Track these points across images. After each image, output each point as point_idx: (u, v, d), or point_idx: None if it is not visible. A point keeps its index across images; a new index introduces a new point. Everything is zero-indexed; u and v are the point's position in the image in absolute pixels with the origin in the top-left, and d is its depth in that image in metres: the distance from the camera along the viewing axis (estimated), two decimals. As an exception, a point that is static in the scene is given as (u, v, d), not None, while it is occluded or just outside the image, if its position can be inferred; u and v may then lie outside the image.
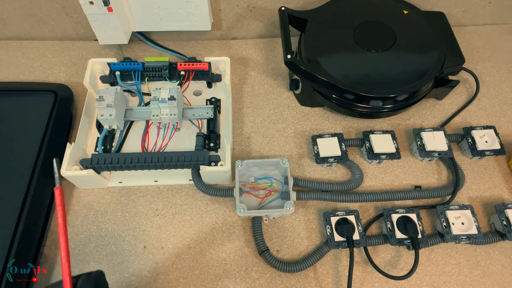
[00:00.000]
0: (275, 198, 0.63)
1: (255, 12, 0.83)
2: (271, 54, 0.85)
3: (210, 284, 0.58)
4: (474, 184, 0.68)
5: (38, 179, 0.61)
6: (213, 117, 0.68)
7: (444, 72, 0.71)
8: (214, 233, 0.63)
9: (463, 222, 0.60)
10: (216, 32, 0.87)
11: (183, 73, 0.73)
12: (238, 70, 0.82)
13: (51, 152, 0.65)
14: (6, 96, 0.72)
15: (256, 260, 0.60)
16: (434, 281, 0.59)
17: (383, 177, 0.69)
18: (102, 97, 0.64)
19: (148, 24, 0.80)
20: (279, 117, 0.75)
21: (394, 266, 0.60)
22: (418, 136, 0.68)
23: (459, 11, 0.87)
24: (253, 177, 0.65)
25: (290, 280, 0.59)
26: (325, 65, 0.68)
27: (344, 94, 0.68)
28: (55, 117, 0.68)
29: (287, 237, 0.62)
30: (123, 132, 0.70)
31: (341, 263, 0.60)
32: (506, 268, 0.60)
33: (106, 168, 0.61)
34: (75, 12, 0.81)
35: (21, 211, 0.58)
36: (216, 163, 0.62)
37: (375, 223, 0.64)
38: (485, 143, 0.68)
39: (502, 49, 0.86)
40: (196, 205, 0.65)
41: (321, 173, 0.69)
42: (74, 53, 0.84)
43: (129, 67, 0.72)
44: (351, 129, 0.74)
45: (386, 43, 0.71)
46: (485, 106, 0.78)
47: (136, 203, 0.65)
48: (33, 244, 0.58)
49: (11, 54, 0.84)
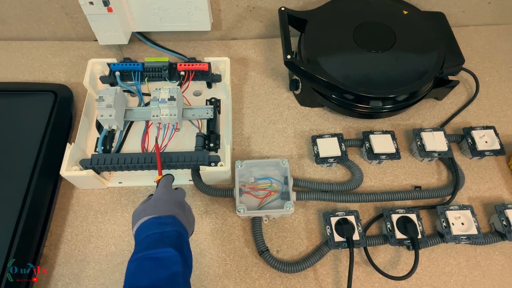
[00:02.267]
0: (275, 198, 0.63)
1: (255, 13, 0.83)
2: (271, 54, 0.85)
3: (210, 284, 0.58)
4: (474, 184, 0.68)
5: (38, 179, 0.61)
6: (213, 117, 0.68)
7: (444, 72, 0.71)
8: (214, 233, 0.63)
9: (463, 222, 0.60)
10: (216, 33, 0.87)
11: (183, 73, 0.73)
12: (238, 70, 0.82)
13: (51, 152, 0.65)
14: (6, 96, 0.72)
15: (256, 261, 0.60)
16: (434, 281, 0.59)
17: (383, 177, 0.69)
18: (102, 98, 0.64)
19: (148, 25, 0.80)
20: (279, 118, 0.75)
21: (394, 266, 0.60)
22: (418, 136, 0.68)
23: (459, 11, 0.87)
24: (253, 177, 0.65)
25: (290, 281, 0.59)
26: (325, 65, 0.68)
27: (344, 95, 0.68)
28: (55, 117, 0.68)
29: (287, 238, 0.62)
30: (123, 133, 0.70)
31: (341, 264, 0.60)
32: (506, 269, 0.60)
33: (106, 168, 0.61)
34: (75, 12, 0.81)
35: (21, 211, 0.58)
36: (216, 164, 0.62)
37: (375, 223, 0.64)
38: (485, 143, 0.68)
39: (502, 49, 0.86)
40: (196, 205, 0.65)
41: (321, 173, 0.69)
42: (74, 53, 0.84)
43: (129, 67, 0.72)
44: (351, 129, 0.74)
45: (386, 43, 0.71)
46: (485, 106, 0.78)
47: (136, 204, 0.65)
48: (33, 244, 0.58)
49: (11, 54, 0.84)
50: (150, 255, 0.42)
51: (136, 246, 0.45)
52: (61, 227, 0.63)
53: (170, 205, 0.49)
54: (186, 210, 0.52)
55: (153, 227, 0.45)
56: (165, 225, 0.45)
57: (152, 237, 0.44)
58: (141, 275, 0.41)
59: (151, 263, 0.41)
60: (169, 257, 0.42)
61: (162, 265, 0.41)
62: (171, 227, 0.45)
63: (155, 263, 0.41)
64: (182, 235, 0.46)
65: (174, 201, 0.50)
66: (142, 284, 0.40)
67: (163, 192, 0.52)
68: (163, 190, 0.52)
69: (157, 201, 0.50)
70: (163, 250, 0.42)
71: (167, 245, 0.42)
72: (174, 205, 0.49)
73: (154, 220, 0.46)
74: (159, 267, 0.41)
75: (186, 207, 0.53)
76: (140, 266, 0.41)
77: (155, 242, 0.43)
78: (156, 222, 0.45)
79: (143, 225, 0.46)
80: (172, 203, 0.49)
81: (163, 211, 0.47)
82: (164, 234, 0.44)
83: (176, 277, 0.41)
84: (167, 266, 0.41)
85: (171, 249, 0.42)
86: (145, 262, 0.41)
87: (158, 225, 0.45)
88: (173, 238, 0.44)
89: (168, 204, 0.49)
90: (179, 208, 0.49)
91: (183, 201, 0.53)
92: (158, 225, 0.45)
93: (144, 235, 0.44)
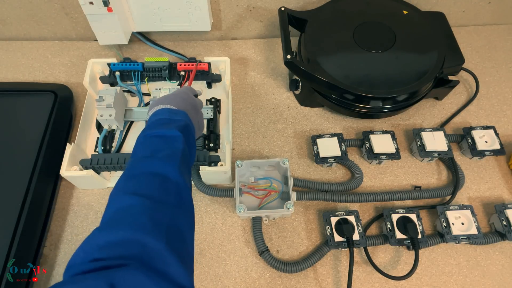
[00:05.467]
0: (275, 198, 0.63)
1: (255, 12, 0.83)
2: (271, 54, 0.85)
3: (210, 284, 0.58)
4: (474, 184, 0.68)
5: (38, 179, 0.61)
6: (213, 117, 0.68)
7: (444, 72, 0.71)
8: (214, 233, 0.63)
9: (463, 222, 0.60)
10: (216, 33, 0.87)
11: (183, 73, 0.73)
12: (238, 70, 0.82)
13: (51, 152, 0.65)
14: (6, 96, 0.72)
15: (256, 260, 0.60)
16: (434, 281, 0.59)
17: (383, 177, 0.69)
18: (102, 98, 0.64)
19: (148, 25, 0.80)
20: (279, 117, 0.75)
21: (394, 266, 0.60)
22: (418, 136, 0.68)
23: (459, 11, 0.87)
24: (253, 177, 0.65)
25: (290, 281, 0.59)
26: (325, 65, 0.68)
27: (344, 94, 0.68)
28: (55, 117, 0.68)
29: (287, 237, 0.62)
30: (123, 133, 0.70)
31: (341, 263, 0.60)
32: (506, 268, 0.60)
33: (106, 168, 0.61)
34: (75, 12, 0.81)
35: (21, 211, 0.58)
36: (216, 164, 0.62)
37: (375, 223, 0.64)
38: (485, 143, 0.68)
39: (502, 49, 0.86)
40: (196, 205, 0.65)
41: (321, 173, 0.69)
42: (74, 53, 0.84)
43: (129, 67, 0.72)
44: (351, 129, 0.74)
45: (386, 43, 0.71)
46: (485, 106, 0.78)
47: (136, 203, 0.65)
48: (33, 244, 0.58)
49: (11, 54, 0.84)
50: (157, 133, 0.45)
51: (146, 126, 0.48)
52: (61, 227, 0.63)
53: (186, 104, 0.52)
54: (199, 116, 0.55)
55: (165, 114, 0.48)
56: (176, 115, 0.48)
57: (162, 121, 0.47)
58: (145, 148, 0.44)
59: (156, 139, 0.44)
60: (173, 136, 0.45)
61: (165, 141, 0.44)
62: (182, 117, 0.48)
63: (159, 139, 0.44)
64: (189, 127, 0.48)
65: (191, 103, 0.53)
66: (143, 154, 0.43)
67: (183, 92, 0.55)
68: (184, 90, 0.56)
69: (176, 95, 0.53)
70: (169, 130, 0.45)
71: (174, 128, 0.45)
72: (190, 106, 0.52)
73: (166, 109, 0.49)
74: (162, 142, 0.44)
75: (200, 113, 0.56)
76: (145, 141, 0.45)
77: (163, 124, 0.46)
78: (168, 111, 0.49)
79: (156, 112, 0.49)
80: (188, 103, 0.52)
81: (177, 105, 0.50)
82: (173, 120, 0.47)
83: (176, 151, 0.43)
84: (170, 142, 0.44)
85: (177, 131, 0.45)
86: (151, 139, 0.45)
87: (169, 113, 0.48)
88: (181, 125, 0.47)
89: (183, 102, 0.52)
90: (193, 110, 0.53)
91: (198, 108, 0.56)
92: (169, 113, 0.48)
93: (155, 118, 0.48)
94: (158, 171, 0.40)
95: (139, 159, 0.43)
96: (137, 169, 0.41)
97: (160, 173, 0.40)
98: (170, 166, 0.41)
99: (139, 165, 0.41)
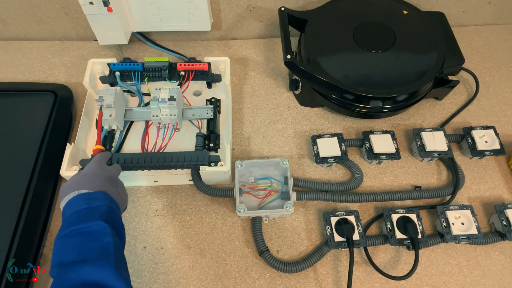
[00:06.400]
0: (275, 198, 0.63)
1: (255, 12, 0.83)
2: (271, 54, 0.85)
3: (210, 284, 0.58)
4: (474, 184, 0.68)
5: (38, 179, 0.61)
6: (213, 117, 0.68)
7: (444, 72, 0.71)
8: (214, 233, 0.63)
9: (463, 222, 0.60)
10: (216, 32, 0.87)
11: (183, 73, 0.73)
12: (238, 70, 0.82)
13: (51, 152, 0.65)
14: (6, 96, 0.72)
15: (256, 260, 0.60)
16: (434, 281, 0.59)
17: (383, 177, 0.69)
18: (102, 98, 0.64)
19: (148, 25, 0.80)
20: (279, 117, 0.75)
21: (394, 266, 0.60)
22: (418, 136, 0.68)
23: (459, 11, 0.87)
24: (253, 177, 0.65)
25: (290, 281, 0.59)
26: (325, 65, 0.68)
27: (344, 94, 0.68)
28: (55, 117, 0.68)
29: (287, 237, 0.62)
30: (123, 133, 0.70)
31: (341, 263, 0.60)
32: (506, 268, 0.60)
33: (106, 168, 0.61)
34: (75, 12, 0.81)
35: (21, 211, 0.58)
36: (216, 164, 0.62)
37: (375, 223, 0.64)
38: (485, 143, 0.68)
39: (502, 49, 0.86)
40: (196, 205, 0.65)
41: (321, 173, 0.69)
42: (74, 53, 0.84)
43: (129, 67, 0.72)
44: (351, 129, 0.74)
45: (386, 43, 0.71)
46: (485, 106, 0.78)
47: (136, 204, 0.65)
48: (33, 244, 0.58)
49: (11, 54, 0.84)
50: (79, 229, 0.39)
51: (63, 222, 0.42)
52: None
53: (101, 180, 0.47)
54: (119, 187, 0.50)
55: (81, 203, 0.42)
56: (95, 200, 0.43)
57: (80, 213, 0.41)
58: (70, 250, 0.38)
59: (80, 237, 0.39)
60: (99, 230, 0.39)
61: (91, 238, 0.39)
62: (101, 202, 0.43)
63: (84, 237, 0.39)
64: (113, 209, 0.44)
65: (106, 176, 0.48)
66: (70, 259, 0.37)
67: (94, 167, 0.50)
68: (95, 165, 0.50)
69: (87, 176, 0.47)
70: (93, 223, 0.40)
71: (97, 218, 0.40)
72: (106, 181, 0.47)
73: (82, 196, 0.43)
74: (89, 240, 0.39)
75: (119, 183, 0.51)
76: (68, 241, 0.39)
77: (84, 217, 0.41)
78: (84, 198, 0.43)
79: (71, 201, 0.43)
80: (103, 179, 0.47)
81: (92, 185, 0.45)
82: (93, 209, 0.42)
83: (107, 246, 0.38)
84: (97, 238, 0.39)
85: (101, 222, 0.40)
86: (74, 237, 0.39)
87: (86, 200, 0.43)
88: (103, 212, 0.42)
89: (98, 179, 0.47)
90: (111, 184, 0.47)
91: (115, 178, 0.51)
92: (86, 201, 0.43)
93: (71, 211, 0.42)
94: (93, 279, 0.35)
95: (67, 267, 0.37)
96: (67, 280, 0.35)
97: (96, 282, 0.35)
98: (105, 270, 0.36)
99: (69, 275, 0.36)
